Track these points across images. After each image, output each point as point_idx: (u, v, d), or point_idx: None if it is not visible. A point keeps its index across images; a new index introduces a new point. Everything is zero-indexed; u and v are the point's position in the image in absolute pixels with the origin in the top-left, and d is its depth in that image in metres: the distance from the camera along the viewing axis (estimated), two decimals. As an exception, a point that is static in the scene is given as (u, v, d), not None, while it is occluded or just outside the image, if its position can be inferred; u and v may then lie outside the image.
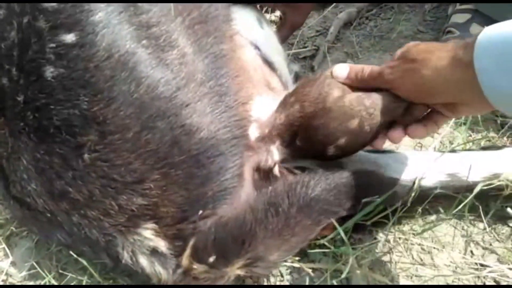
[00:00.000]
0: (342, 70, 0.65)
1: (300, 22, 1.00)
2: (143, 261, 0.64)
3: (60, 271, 0.82)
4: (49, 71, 0.58)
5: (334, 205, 0.67)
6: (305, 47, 1.20)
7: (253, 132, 0.67)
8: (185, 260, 0.63)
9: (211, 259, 0.63)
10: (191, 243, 0.63)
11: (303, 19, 0.99)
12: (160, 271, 0.64)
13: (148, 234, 0.62)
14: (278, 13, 1.21)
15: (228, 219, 0.63)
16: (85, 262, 0.75)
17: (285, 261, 0.76)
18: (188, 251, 0.63)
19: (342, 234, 0.66)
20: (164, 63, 0.60)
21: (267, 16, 1.18)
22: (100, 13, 0.58)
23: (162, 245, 0.63)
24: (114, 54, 0.57)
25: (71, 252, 0.73)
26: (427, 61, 0.56)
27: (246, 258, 0.63)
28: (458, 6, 1.07)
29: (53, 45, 0.58)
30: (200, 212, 0.63)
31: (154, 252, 0.64)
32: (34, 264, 0.81)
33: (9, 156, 0.63)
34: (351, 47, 1.16)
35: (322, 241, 0.73)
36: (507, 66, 0.49)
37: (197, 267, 0.63)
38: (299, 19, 0.98)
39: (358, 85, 0.64)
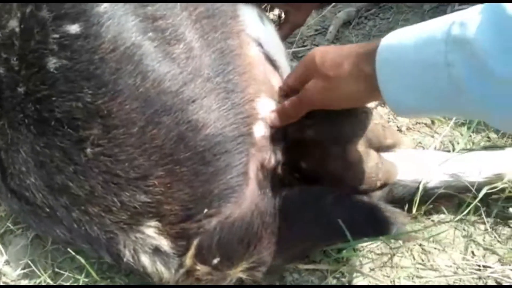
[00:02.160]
0: (274, 120, 0.67)
1: (302, 22, 0.99)
2: (145, 259, 0.63)
3: (56, 269, 0.80)
4: (52, 62, 0.56)
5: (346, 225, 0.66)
6: (305, 46, 1.19)
7: (260, 130, 0.66)
8: (188, 260, 0.62)
9: (215, 261, 0.62)
10: (195, 243, 0.62)
11: (305, 19, 0.99)
12: (162, 270, 0.63)
13: (151, 232, 0.61)
14: (276, 11, 1.20)
15: (234, 219, 0.62)
16: (82, 260, 0.74)
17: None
18: (192, 251, 0.62)
19: (348, 235, 0.65)
20: (170, 57, 0.58)
21: (266, 14, 1.17)
22: (105, 4, 0.57)
23: (164, 244, 0.62)
24: (120, 47, 0.56)
25: (68, 250, 0.72)
26: (338, 78, 0.57)
27: (250, 261, 0.63)
28: (457, 7, 1.07)
29: (56, 35, 0.56)
30: (205, 210, 0.61)
31: (156, 250, 0.62)
32: (29, 262, 0.80)
33: (8, 148, 0.62)
34: (350, 46, 1.16)
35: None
36: (404, 80, 0.50)
37: (200, 268, 0.62)
38: (301, 19, 0.97)
39: (295, 120, 0.66)
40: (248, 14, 0.72)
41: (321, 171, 0.67)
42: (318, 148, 0.67)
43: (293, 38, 1.19)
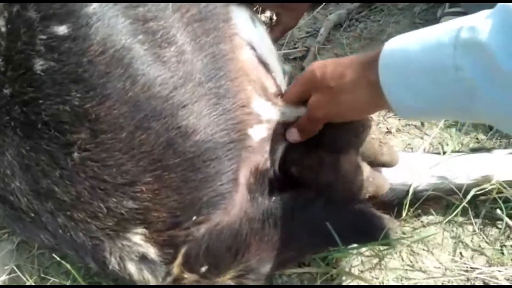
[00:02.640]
0: (294, 137, 0.67)
1: (293, 24, 0.99)
2: (131, 267, 0.61)
3: (42, 275, 0.79)
4: (39, 64, 0.55)
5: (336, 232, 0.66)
6: (295, 48, 1.19)
7: (253, 135, 0.65)
8: (176, 268, 0.61)
9: (203, 269, 0.61)
10: (182, 251, 0.61)
11: (297, 21, 0.98)
12: (149, 279, 0.62)
13: (138, 239, 0.60)
14: (268, 13, 1.20)
15: (222, 227, 0.61)
16: (68, 266, 0.73)
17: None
18: (179, 260, 0.61)
19: (336, 237, 0.65)
20: (161, 60, 0.57)
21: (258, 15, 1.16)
22: (94, 4, 0.55)
23: (152, 251, 0.61)
24: (109, 49, 0.55)
25: (54, 255, 0.70)
26: (341, 88, 0.57)
27: (238, 269, 0.62)
28: (447, 9, 1.08)
29: (44, 36, 0.55)
30: (194, 218, 0.60)
31: (143, 258, 0.61)
32: (15, 268, 0.79)
33: None
34: (341, 48, 1.16)
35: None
36: (409, 83, 0.50)
37: (188, 277, 0.61)
38: (292, 21, 0.97)
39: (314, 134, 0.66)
40: (240, 17, 0.71)
41: (312, 179, 0.67)
42: (312, 156, 0.67)
43: (284, 40, 1.19)
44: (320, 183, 0.67)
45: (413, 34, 0.52)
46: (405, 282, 0.75)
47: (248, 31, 0.72)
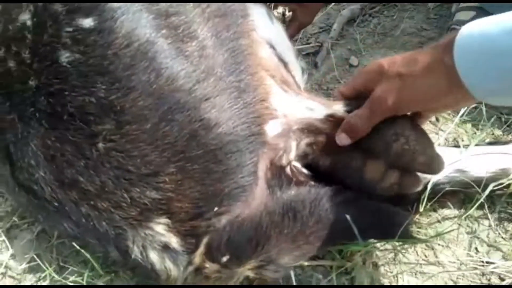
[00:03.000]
0: (344, 141, 0.65)
1: (309, 21, 1.00)
2: (154, 256, 0.63)
3: (61, 263, 0.80)
4: (65, 56, 0.56)
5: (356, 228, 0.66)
6: (308, 44, 1.19)
7: (271, 129, 0.66)
8: (198, 258, 0.62)
9: (224, 259, 0.62)
10: (205, 241, 0.62)
11: (312, 18, 0.99)
12: (171, 268, 0.63)
13: (160, 229, 0.61)
14: (280, 9, 1.20)
15: (243, 219, 0.62)
16: (87, 255, 0.73)
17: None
18: (201, 249, 0.62)
19: (356, 230, 0.66)
20: (184, 54, 0.58)
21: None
22: (119, -1, 0.56)
23: (174, 241, 0.62)
24: (134, 43, 0.56)
25: (74, 244, 0.71)
26: (413, 74, 0.56)
27: (259, 260, 0.63)
28: (462, 4, 1.07)
29: (69, 29, 0.56)
30: (216, 209, 0.61)
31: (165, 247, 0.62)
32: (35, 256, 0.79)
33: (17, 141, 0.61)
34: (354, 44, 1.16)
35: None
36: (489, 64, 0.50)
37: (210, 266, 0.62)
38: (308, 18, 0.98)
39: (365, 134, 0.64)
40: (257, 13, 0.73)
41: (335, 175, 0.68)
42: (342, 154, 0.67)
43: (297, 36, 1.19)
44: (343, 182, 0.68)
45: (490, 18, 0.51)
46: (419, 276, 0.75)
47: (266, 29, 0.73)
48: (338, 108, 0.69)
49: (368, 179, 0.67)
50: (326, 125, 0.69)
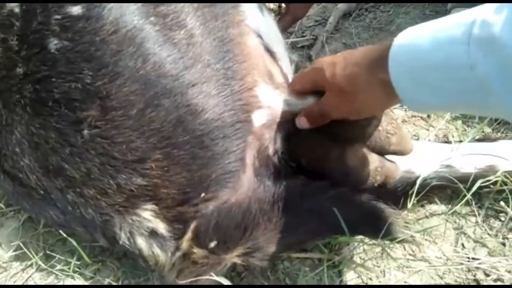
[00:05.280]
0: (304, 124, 0.66)
1: (302, 15, 1.00)
2: (141, 242, 0.63)
3: (48, 252, 0.80)
4: (53, 43, 0.56)
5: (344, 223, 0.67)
6: (304, 37, 1.19)
7: (258, 119, 0.66)
8: (185, 243, 0.62)
9: (212, 244, 0.62)
10: (192, 226, 0.62)
11: (306, 11, 0.99)
12: (158, 253, 0.63)
13: (147, 215, 0.61)
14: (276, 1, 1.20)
15: (231, 205, 0.63)
16: (74, 243, 0.73)
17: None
18: (189, 235, 0.62)
19: (343, 224, 0.66)
20: (171, 42, 0.58)
21: (266, 3, 1.17)
22: (107, -15, 0.56)
23: (161, 227, 0.62)
24: (121, 29, 0.56)
25: (61, 232, 0.71)
26: (354, 89, 0.57)
27: (246, 246, 0.63)
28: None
29: (58, 16, 0.56)
30: (203, 194, 0.61)
31: (152, 233, 0.62)
32: (21, 244, 0.79)
33: (1, 128, 0.61)
34: (349, 38, 1.16)
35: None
36: (422, 80, 0.50)
37: (197, 252, 0.62)
38: (302, 12, 0.98)
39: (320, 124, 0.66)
40: (248, 4, 0.72)
41: (320, 170, 0.68)
42: (318, 148, 0.68)
43: (292, 28, 1.19)
44: (327, 174, 0.68)
45: (422, 27, 0.50)
46: (407, 271, 0.76)
47: (256, 19, 0.73)
48: (310, 99, 0.69)
49: (351, 166, 0.68)
50: None
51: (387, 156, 0.73)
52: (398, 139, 0.70)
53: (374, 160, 0.70)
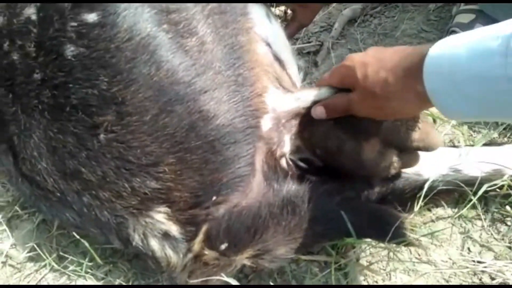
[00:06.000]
0: (320, 114, 0.67)
1: (309, 21, 1.01)
2: (154, 244, 0.65)
3: (61, 253, 0.81)
4: (70, 50, 0.58)
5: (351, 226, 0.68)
6: (309, 42, 1.20)
7: (267, 124, 0.67)
8: (197, 245, 0.64)
9: (223, 246, 0.64)
10: (203, 229, 0.63)
11: (312, 18, 1.00)
12: (171, 255, 0.65)
13: (160, 217, 0.63)
14: (282, 7, 1.21)
15: (241, 208, 0.64)
16: (87, 244, 0.75)
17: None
18: (200, 237, 0.64)
19: (350, 227, 0.67)
20: (183, 49, 0.60)
21: (272, 10, 1.18)
22: (122, -6, 0.58)
23: (174, 229, 0.64)
24: (135, 36, 0.58)
25: (74, 234, 0.73)
26: (387, 96, 0.57)
27: (256, 249, 0.65)
28: (463, 6, 1.08)
29: (74, 24, 0.58)
30: (214, 198, 0.63)
31: (165, 235, 0.64)
32: (35, 246, 0.81)
33: (20, 133, 0.63)
34: (355, 44, 1.17)
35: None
36: (459, 90, 0.50)
37: (208, 253, 0.64)
38: (308, 18, 0.99)
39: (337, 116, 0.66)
40: (256, 12, 0.74)
41: (333, 162, 0.68)
42: (334, 141, 0.68)
43: (298, 35, 1.20)
44: (340, 167, 0.68)
45: (458, 38, 0.51)
46: (412, 274, 0.76)
47: (264, 27, 0.75)
48: (323, 91, 0.69)
49: (366, 159, 0.67)
50: None
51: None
52: (421, 135, 0.67)
53: (390, 156, 0.68)
